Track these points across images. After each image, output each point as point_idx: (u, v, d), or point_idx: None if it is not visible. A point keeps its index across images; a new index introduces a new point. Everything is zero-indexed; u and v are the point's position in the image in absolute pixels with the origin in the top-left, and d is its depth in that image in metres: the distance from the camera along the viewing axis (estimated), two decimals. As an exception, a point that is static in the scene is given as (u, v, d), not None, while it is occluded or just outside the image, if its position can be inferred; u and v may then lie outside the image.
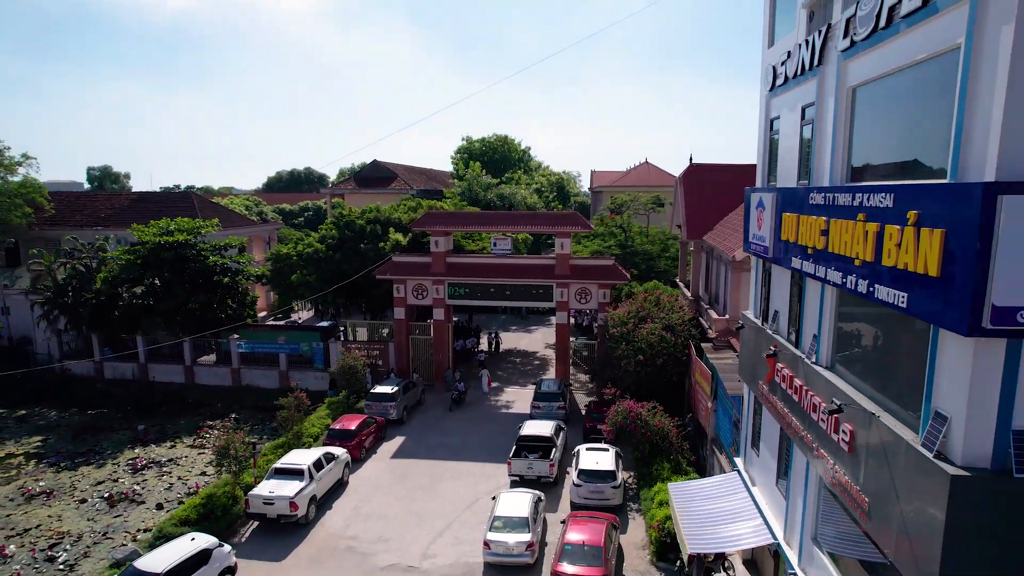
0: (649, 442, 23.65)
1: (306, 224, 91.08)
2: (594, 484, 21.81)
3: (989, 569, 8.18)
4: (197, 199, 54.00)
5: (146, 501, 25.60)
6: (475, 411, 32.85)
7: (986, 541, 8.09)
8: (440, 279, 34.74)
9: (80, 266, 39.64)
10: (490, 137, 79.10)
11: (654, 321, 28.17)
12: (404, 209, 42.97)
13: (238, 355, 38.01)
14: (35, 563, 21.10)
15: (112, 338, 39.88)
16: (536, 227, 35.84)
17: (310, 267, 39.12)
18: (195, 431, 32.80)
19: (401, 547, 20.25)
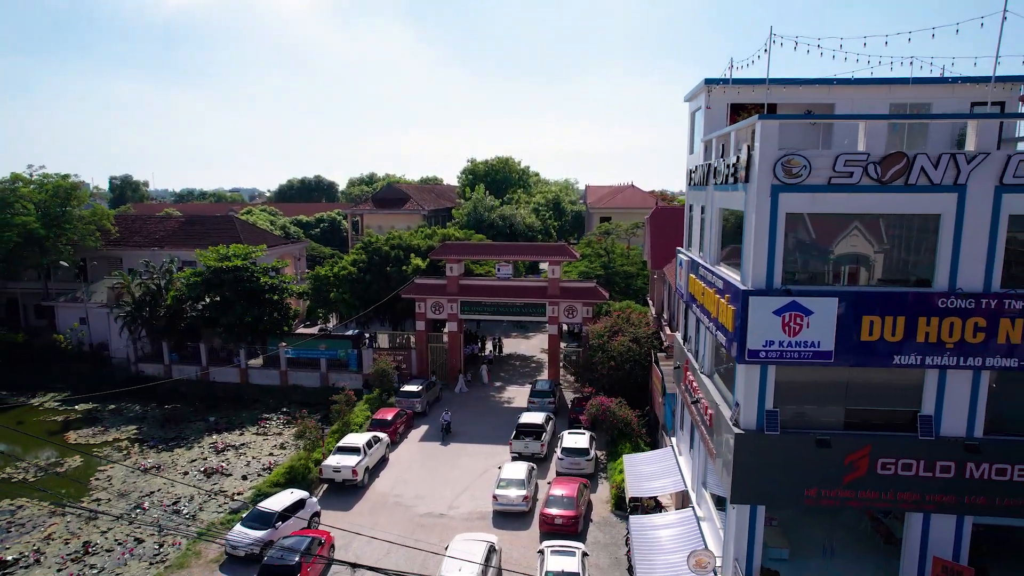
0: (616, 428, 31.56)
1: (322, 236, 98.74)
2: (573, 458, 29.68)
3: (754, 485, 16.05)
4: (238, 222, 61.93)
5: (232, 474, 33.47)
6: (482, 406, 40.70)
7: (754, 472, 15.94)
8: (454, 298, 42.59)
9: (152, 285, 47.45)
10: (492, 159, 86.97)
11: (624, 335, 36.03)
12: (421, 236, 50.71)
13: (285, 359, 45.84)
14: (166, 514, 28.99)
15: (178, 345, 47.75)
16: (533, 257, 43.78)
17: (345, 286, 46.93)
18: (256, 422, 40.69)
19: (433, 501, 28.11)
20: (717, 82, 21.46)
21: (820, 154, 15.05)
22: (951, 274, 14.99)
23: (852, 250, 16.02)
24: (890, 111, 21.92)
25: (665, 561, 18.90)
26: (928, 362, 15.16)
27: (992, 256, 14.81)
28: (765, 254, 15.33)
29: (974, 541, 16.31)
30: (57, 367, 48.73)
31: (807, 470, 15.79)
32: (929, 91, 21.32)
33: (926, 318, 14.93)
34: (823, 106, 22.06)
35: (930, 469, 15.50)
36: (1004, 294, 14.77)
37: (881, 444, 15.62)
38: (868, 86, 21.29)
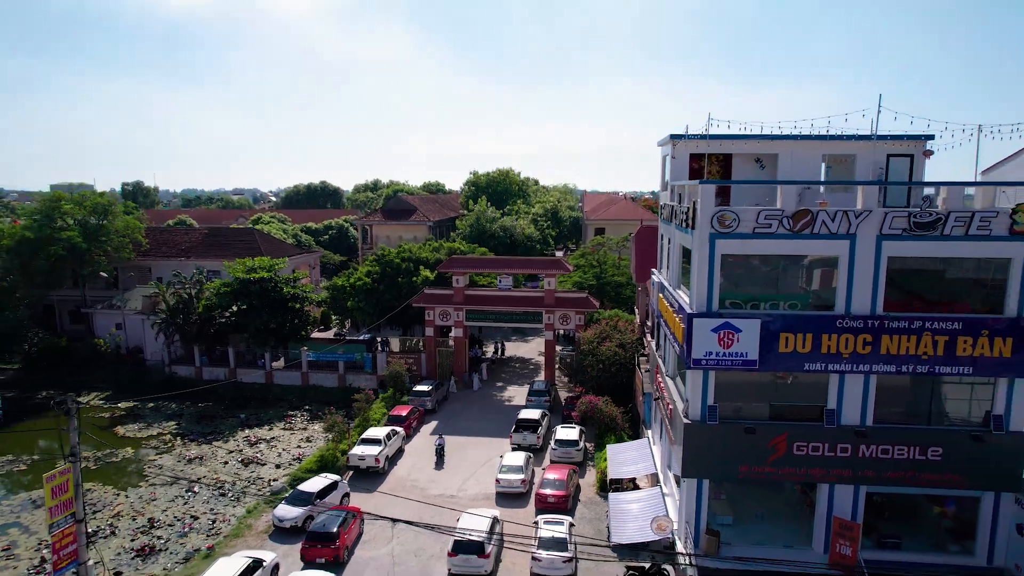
0: (602, 423, 36.23)
1: (330, 243, 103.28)
2: (564, 448, 34.35)
3: (699, 464, 20.74)
4: (258, 234, 66.62)
5: (266, 463, 38.17)
6: (485, 404, 45.37)
7: (700, 453, 20.64)
8: (460, 307, 47.28)
9: (185, 294, 52.13)
10: (493, 172, 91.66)
11: (612, 341, 40.73)
12: (429, 249, 55.36)
13: (306, 362, 50.54)
14: (214, 496, 33.70)
15: (208, 348, 52.44)
16: (531, 270, 48.42)
17: (360, 296, 51.62)
18: (283, 418, 45.39)
19: (444, 485, 32.78)
20: (680, 137, 26.15)
21: (747, 209, 19.76)
22: (847, 301, 19.68)
23: (775, 281, 20.73)
24: (823, 160, 26.68)
25: (635, 526, 23.60)
26: (830, 368, 19.85)
27: (876, 288, 19.51)
28: (706, 285, 20.02)
29: (872, 505, 21.02)
30: (98, 369, 53.46)
31: (739, 452, 20.48)
32: (854, 145, 26.03)
33: (828, 335, 19.62)
34: (768, 156, 26.77)
35: (832, 450, 20.19)
36: (885, 316, 19.46)
37: (796, 431, 20.32)
38: (806, 141, 25.99)
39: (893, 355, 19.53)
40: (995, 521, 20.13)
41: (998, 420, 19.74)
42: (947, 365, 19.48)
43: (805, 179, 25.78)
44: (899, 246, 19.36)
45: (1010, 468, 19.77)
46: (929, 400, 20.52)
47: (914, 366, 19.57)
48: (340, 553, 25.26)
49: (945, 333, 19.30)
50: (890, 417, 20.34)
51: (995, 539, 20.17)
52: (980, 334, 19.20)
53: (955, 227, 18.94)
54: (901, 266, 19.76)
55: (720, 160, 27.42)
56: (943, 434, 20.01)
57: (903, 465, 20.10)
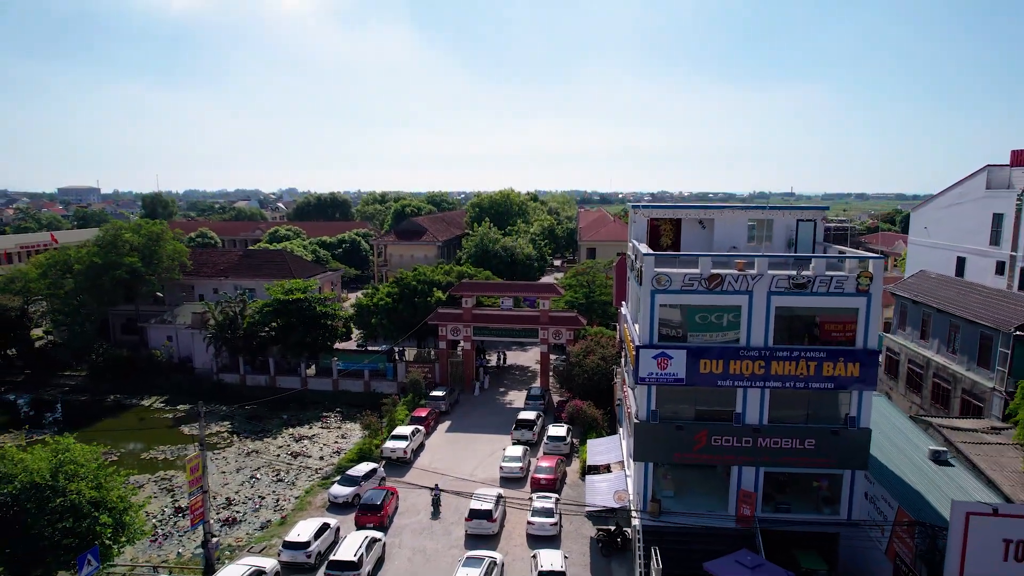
0: (586, 422, 44.63)
1: (344, 256, 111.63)
2: (555, 443, 42.77)
3: (645, 451, 29.23)
4: (287, 256, 75.18)
5: (311, 455, 46.64)
6: (490, 406, 53.77)
7: (645, 444, 29.14)
8: (468, 324, 55.70)
9: (230, 311, 60.54)
10: (495, 194, 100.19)
11: (595, 354, 49.12)
12: (441, 272, 63.74)
13: (337, 370, 58.96)
14: (272, 483, 42.13)
15: (251, 358, 60.87)
16: (529, 294, 56.87)
17: (382, 313, 60.05)
18: (320, 419, 53.83)
19: (459, 471, 41.17)
20: (638, 207, 34.56)
21: (677, 273, 28.16)
22: (747, 337, 28.07)
23: (700, 321, 29.16)
24: (748, 221, 35.11)
25: (602, 498, 32.03)
26: (736, 384, 28.24)
27: (767, 328, 27.88)
28: (648, 324, 28.43)
29: (773, 481, 29.39)
30: (154, 376, 61.91)
31: (674, 443, 28.88)
32: (772, 212, 34.47)
33: (734, 360, 28.01)
34: (708, 219, 35.21)
35: (739, 441, 28.57)
36: (774, 348, 27.86)
37: (713, 428, 28.72)
38: (735, 210, 34.43)
39: (780, 375, 27.91)
40: (852, 490, 28.49)
41: (852, 420, 28.12)
42: (817, 382, 27.86)
43: (733, 240, 34.29)
44: (783, 299, 27.75)
45: (861, 453, 28.14)
46: (806, 406, 28.88)
47: (794, 383, 27.95)
48: (384, 520, 33.73)
49: (815, 359, 27.68)
50: (779, 418, 28.70)
51: (852, 502, 28.54)
52: (838, 360, 27.60)
53: (819, 287, 27.34)
54: (786, 313, 28.14)
55: (673, 222, 35.92)
56: (815, 430, 28.37)
57: (789, 452, 28.48)
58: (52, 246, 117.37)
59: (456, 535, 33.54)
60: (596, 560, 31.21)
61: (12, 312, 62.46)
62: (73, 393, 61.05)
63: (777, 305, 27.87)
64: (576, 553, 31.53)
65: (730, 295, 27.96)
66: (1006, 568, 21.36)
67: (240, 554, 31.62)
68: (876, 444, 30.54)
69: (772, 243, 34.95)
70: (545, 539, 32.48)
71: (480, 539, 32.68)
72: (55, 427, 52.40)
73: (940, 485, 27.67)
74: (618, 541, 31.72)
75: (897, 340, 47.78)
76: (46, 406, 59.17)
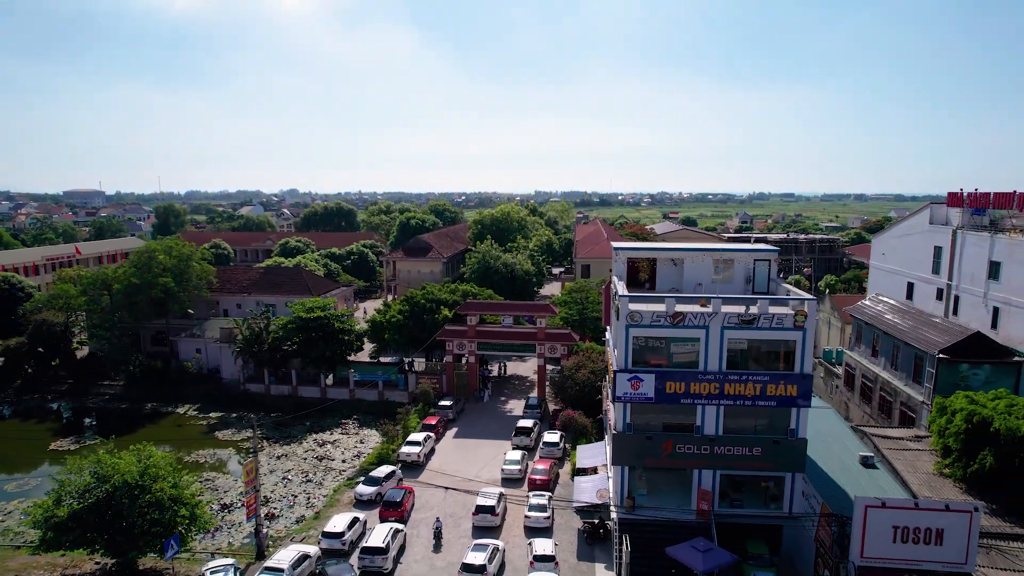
0: (577, 430, 50.76)
1: (353, 267, 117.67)
2: (549, 448, 48.90)
3: (622, 456, 35.41)
4: (304, 273, 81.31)
5: (335, 459, 52.76)
6: (492, 414, 59.88)
7: (622, 451, 35.31)
8: (472, 339, 61.84)
9: (256, 327, 66.62)
10: (496, 212, 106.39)
11: (586, 368, 55.23)
12: (447, 291, 69.84)
13: (353, 381, 65.08)
14: (302, 483, 48.24)
15: (275, 370, 66.97)
16: (527, 313, 62.99)
17: (394, 329, 66.17)
18: (339, 425, 59.94)
19: (466, 472, 47.27)
20: (619, 249, 40.71)
21: (648, 310, 34.27)
22: (704, 363, 34.19)
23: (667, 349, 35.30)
24: (713, 261, 41.23)
25: (588, 496, 38.16)
26: (696, 402, 34.34)
27: (721, 356, 33.98)
28: (624, 352, 34.56)
29: (730, 482, 35.47)
30: (186, 386, 67.99)
31: (645, 450, 34.99)
32: (733, 254, 40.59)
33: (694, 382, 34.13)
34: (679, 259, 41.33)
35: (699, 449, 34.67)
36: (727, 372, 33.98)
37: (677, 438, 34.84)
38: (702, 252, 40.55)
39: (731, 394, 34.03)
40: (792, 489, 34.62)
41: (792, 431, 34.23)
42: (762, 401, 33.98)
43: (700, 277, 40.46)
44: (733, 332, 33.86)
45: (799, 459, 34.23)
46: (754, 420, 34.99)
47: (743, 401, 34.05)
48: (404, 514, 39.89)
49: (760, 382, 33.81)
50: (732, 429, 34.80)
51: (792, 499, 34.65)
52: (779, 382, 33.72)
53: (763, 323, 33.48)
54: (736, 344, 34.25)
55: (649, 261, 42.08)
56: (761, 440, 34.47)
57: (739, 458, 34.58)
58: (75, 258, 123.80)
59: (464, 527, 39.65)
60: (582, 547, 37.34)
61: (57, 327, 68.51)
62: (113, 401, 67.13)
63: (729, 337, 34.00)
64: (565, 542, 37.66)
65: (691, 329, 34.08)
66: (894, 548, 27.50)
67: (284, 542, 37.70)
68: (818, 451, 36.70)
69: (733, 280, 41.07)
70: (539, 530, 38.62)
71: (485, 530, 38.80)
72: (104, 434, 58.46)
73: (863, 485, 33.74)
74: (600, 532, 37.86)
75: (854, 356, 53.96)
76: (88, 413, 65.18)
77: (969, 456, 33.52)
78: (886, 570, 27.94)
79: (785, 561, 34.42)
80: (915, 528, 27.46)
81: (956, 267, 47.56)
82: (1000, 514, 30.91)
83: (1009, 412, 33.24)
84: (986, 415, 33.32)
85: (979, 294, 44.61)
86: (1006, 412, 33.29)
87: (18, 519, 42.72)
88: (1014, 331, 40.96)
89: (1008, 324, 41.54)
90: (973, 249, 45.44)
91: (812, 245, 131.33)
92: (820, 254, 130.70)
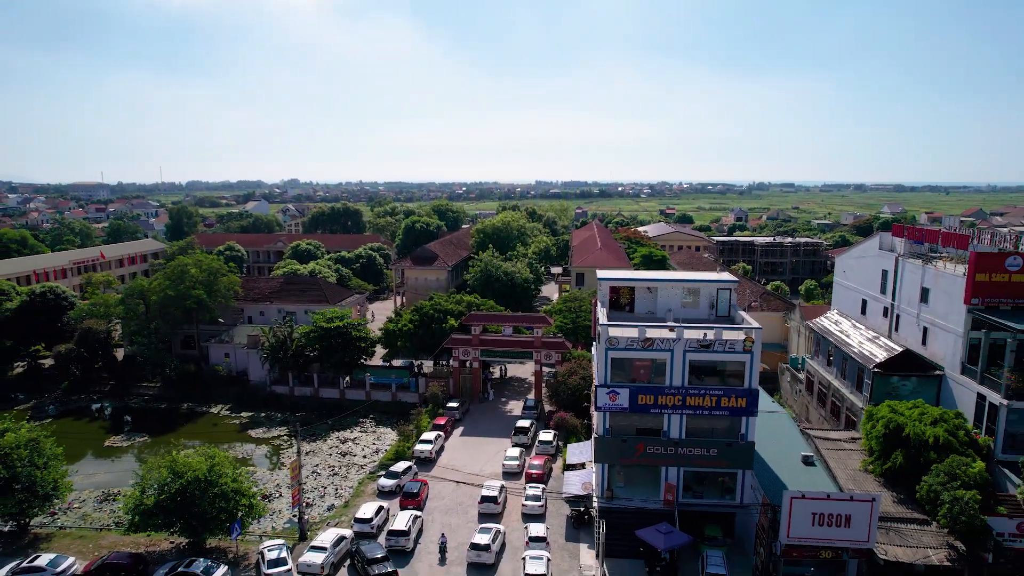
0: (569, 430, 58.13)
1: (362, 270, 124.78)
2: (544, 446, 56.31)
3: (603, 455, 42.78)
4: (322, 282, 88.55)
5: (356, 455, 60.18)
6: (494, 415, 67.26)
7: (602, 451, 42.69)
8: (476, 347, 69.13)
9: (281, 335, 73.86)
10: (497, 221, 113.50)
11: (577, 375, 62.53)
12: (453, 302, 77.02)
13: (369, 383, 72.41)
14: (330, 476, 55.69)
15: (298, 373, 74.31)
16: (525, 323, 70.29)
17: (406, 337, 73.45)
18: (357, 424, 67.34)
19: (471, 467, 54.66)
20: (604, 280, 47.88)
21: (624, 336, 41.45)
22: (670, 379, 41.44)
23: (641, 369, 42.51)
24: (682, 289, 48.37)
25: (575, 488, 45.55)
26: (663, 411, 41.62)
27: (684, 374, 41.20)
28: (603, 370, 41.80)
29: (694, 477, 42.80)
30: (216, 388, 75.31)
31: (621, 450, 42.31)
32: (699, 284, 47.76)
33: (662, 395, 41.38)
34: (654, 287, 48.48)
35: (665, 450, 41.98)
36: (688, 387, 41.23)
37: (648, 441, 42.13)
38: (673, 282, 47.73)
39: (692, 405, 41.28)
40: (743, 483, 41.96)
41: (742, 436, 41.49)
42: (718, 410, 41.22)
43: (671, 303, 47.62)
44: (694, 355, 41.04)
45: (748, 458, 41.48)
46: (711, 426, 42.25)
47: (702, 411, 41.30)
48: (420, 503, 47.33)
49: (715, 395, 41.04)
50: (693, 433, 42.08)
51: (744, 491, 42.00)
52: (731, 396, 40.96)
53: (718, 347, 40.67)
54: (696, 364, 41.44)
55: (630, 290, 49.24)
56: (717, 442, 41.69)
57: (699, 457, 41.87)
58: (100, 261, 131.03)
59: (471, 514, 47.07)
60: (569, 530, 44.80)
61: (100, 334, 75.79)
62: (152, 402, 74.54)
63: (690, 359, 41.22)
64: (555, 526, 45.09)
65: (659, 352, 41.31)
66: (813, 530, 34.88)
67: (323, 527, 45.11)
68: (768, 450, 44.00)
69: (699, 305, 48.19)
70: (534, 516, 46.06)
71: (488, 516, 46.23)
72: (151, 432, 65.89)
73: (800, 480, 41.09)
74: (585, 517, 45.30)
75: (813, 364, 61.25)
76: (129, 412, 72.44)
77: (886, 456, 40.89)
78: (806, 547, 35.41)
79: (736, 542, 41.91)
80: (829, 514, 34.88)
81: (898, 290, 54.62)
82: (905, 503, 38.29)
83: (920, 419, 40.62)
84: (901, 422, 40.69)
85: (914, 315, 51.74)
86: (917, 419, 40.67)
87: (93, 506, 50.22)
88: (937, 348, 48.09)
89: (933, 342, 48.68)
90: (910, 275, 52.50)
91: (797, 248, 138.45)
92: (804, 257, 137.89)
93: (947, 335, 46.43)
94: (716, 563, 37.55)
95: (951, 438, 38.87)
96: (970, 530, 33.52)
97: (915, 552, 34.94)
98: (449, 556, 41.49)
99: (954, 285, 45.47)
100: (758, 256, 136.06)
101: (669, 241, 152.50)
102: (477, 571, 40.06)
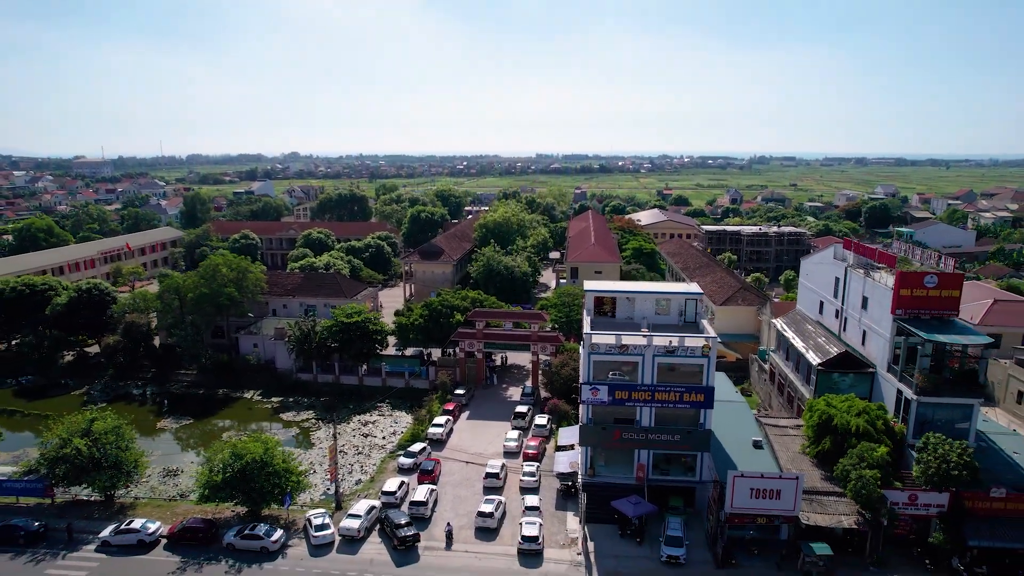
0: (560, 415, 67.10)
1: (371, 260, 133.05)
2: (539, 429, 65.33)
3: (587, 439, 51.73)
4: (339, 277, 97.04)
5: (376, 436, 69.30)
6: (495, 400, 76.25)
7: (586, 436, 51.62)
8: (480, 340, 77.88)
9: (305, 327, 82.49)
10: (498, 217, 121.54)
11: (568, 367, 71.30)
12: (459, 298, 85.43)
13: (384, 371, 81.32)
14: (355, 455, 64.82)
15: (321, 362, 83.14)
16: (524, 319, 78.96)
17: (416, 330, 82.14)
18: (375, 408, 76.40)
19: (476, 448, 63.70)
20: (589, 291, 56.33)
21: (605, 343, 50.04)
22: (641, 378, 50.14)
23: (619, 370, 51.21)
24: (656, 299, 56.81)
25: (564, 466, 54.60)
26: (636, 404, 50.39)
27: (653, 373, 49.87)
28: (586, 370, 50.48)
29: (662, 458, 51.72)
30: (247, 375, 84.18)
31: (602, 436, 51.17)
32: (671, 295, 56.22)
33: (635, 391, 50.12)
34: (632, 297, 56.90)
35: (638, 435, 50.83)
36: (656, 384, 49.92)
37: (623, 429, 50.95)
38: (648, 293, 56.21)
39: (660, 400, 50.00)
40: (702, 462, 50.93)
41: (701, 425, 50.27)
42: (680, 404, 49.93)
43: (646, 311, 56.10)
44: (662, 358, 49.65)
45: (705, 443, 50.28)
46: (675, 416, 51.01)
47: (668, 404, 50.03)
48: (435, 479, 56.48)
49: (679, 391, 49.72)
50: (660, 421, 50.89)
51: (703, 469, 50.98)
52: (692, 392, 49.67)
53: (681, 352, 49.28)
54: (665, 366, 50.04)
55: (611, 299, 57.68)
56: (680, 430, 50.44)
57: (665, 442, 50.71)
58: (125, 251, 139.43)
59: (477, 488, 56.19)
60: (559, 501, 53.98)
61: (142, 326, 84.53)
62: (191, 388, 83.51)
63: (659, 361, 49.86)
64: (547, 498, 54.23)
65: (633, 355, 49.94)
66: (751, 502, 43.93)
67: (354, 499, 54.22)
68: (724, 435, 52.82)
69: (670, 312, 56.65)
70: (530, 489, 55.22)
71: (492, 489, 55.36)
72: (194, 415, 74.95)
73: (748, 461, 49.95)
74: (572, 491, 54.43)
75: (775, 358, 69.97)
76: (170, 397, 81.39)
77: (819, 441, 49.77)
78: (746, 515, 44.49)
79: (697, 512, 51.06)
80: (764, 489, 43.93)
81: (846, 296, 63.05)
82: (829, 479, 47.25)
83: (848, 411, 49.38)
84: (832, 413, 49.50)
85: (857, 319, 60.24)
86: (846, 411, 49.44)
87: (159, 480, 59.44)
88: (873, 350, 56.67)
89: (870, 344, 57.23)
90: (855, 284, 60.85)
91: (781, 238, 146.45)
92: (788, 246, 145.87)
93: (879, 339, 55.00)
94: (675, 527, 46.71)
95: (870, 427, 47.65)
96: (870, 501, 42.50)
97: (831, 518, 44.03)
98: (459, 523, 50.62)
99: (885, 296, 53.88)
100: (744, 245, 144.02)
101: (661, 229, 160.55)
102: (483, 534, 49.22)
